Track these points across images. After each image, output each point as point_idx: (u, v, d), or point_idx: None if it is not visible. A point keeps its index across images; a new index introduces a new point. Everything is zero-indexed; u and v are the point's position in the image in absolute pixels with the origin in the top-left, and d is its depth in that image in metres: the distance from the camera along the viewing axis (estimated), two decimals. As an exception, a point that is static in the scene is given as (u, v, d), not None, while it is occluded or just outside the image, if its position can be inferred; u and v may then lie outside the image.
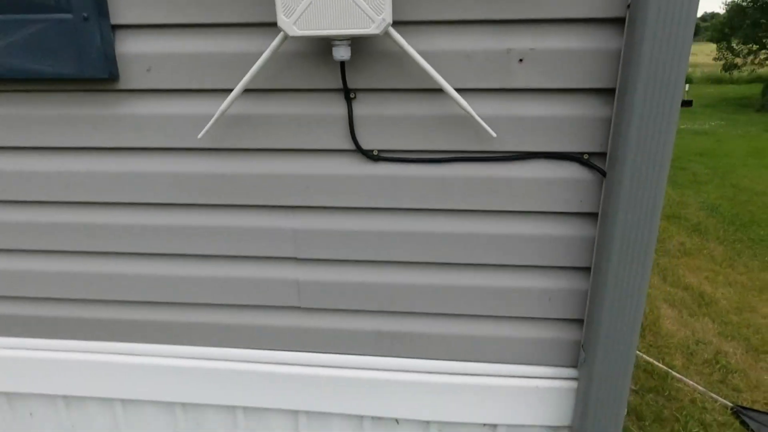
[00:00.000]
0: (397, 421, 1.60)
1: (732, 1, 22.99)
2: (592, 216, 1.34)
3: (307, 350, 1.57)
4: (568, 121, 1.26)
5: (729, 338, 3.79)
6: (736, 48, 22.78)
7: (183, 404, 1.67)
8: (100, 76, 1.30)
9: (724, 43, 23.35)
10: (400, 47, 1.19)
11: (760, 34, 20.44)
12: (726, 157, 9.55)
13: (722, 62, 23.62)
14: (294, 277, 1.48)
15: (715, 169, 8.52)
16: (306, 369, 1.57)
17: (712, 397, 3.15)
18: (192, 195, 1.42)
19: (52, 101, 1.36)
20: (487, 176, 1.34)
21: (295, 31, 1.15)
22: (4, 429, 1.78)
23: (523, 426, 1.55)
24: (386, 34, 1.15)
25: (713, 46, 24.70)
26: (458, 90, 1.24)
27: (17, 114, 1.39)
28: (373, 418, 1.60)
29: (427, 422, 1.59)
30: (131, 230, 1.48)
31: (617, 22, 1.18)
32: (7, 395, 1.74)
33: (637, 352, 3.55)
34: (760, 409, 3.04)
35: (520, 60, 1.23)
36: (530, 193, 1.33)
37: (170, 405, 1.68)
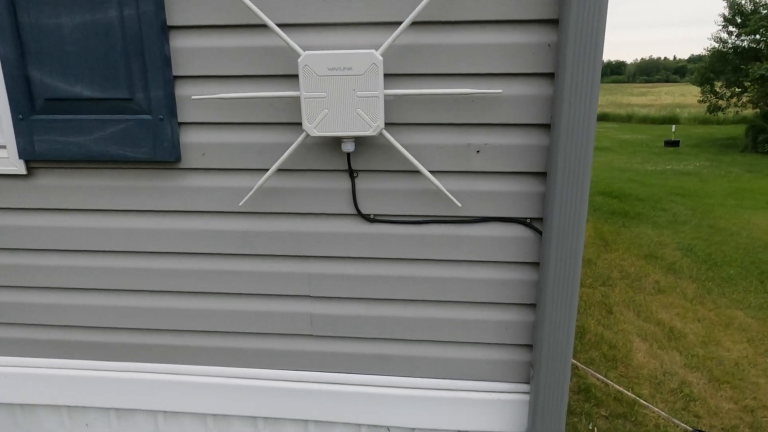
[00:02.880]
0: (388, 428, 1.99)
1: (713, 47, 24.07)
2: (534, 264, 1.77)
3: (317, 370, 1.97)
4: (514, 195, 1.72)
5: (694, 369, 4.15)
6: (720, 91, 23.74)
7: (214, 415, 2.05)
8: (168, 159, 1.75)
9: (708, 86, 24.33)
10: (389, 142, 1.65)
11: (741, 78, 21.38)
12: (707, 198, 10.05)
13: (707, 104, 24.54)
14: (308, 310, 1.90)
15: (695, 210, 9.00)
16: (315, 385, 1.97)
17: (674, 423, 3.50)
18: (231, 247, 1.85)
19: (131, 176, 1.82)
20: (455, 234, 1.78)
21: (315, 132, 1.61)
22: (65, 437, 2.16)
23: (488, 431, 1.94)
24: (380, 134, 1.62)
25: (698, 89, 25.67)
26: (432, 171, 1.70)
27: (106, 185, 1.84)
28: (369, 426, 1.99)
29: (412, 429, 1.98)
30: (183, 274, 1.91)
31: (545, 127, 1.64)
32: (68, 408, 2.12)
33: (609, 381, 3.92)
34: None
35: (477, 151, 1.69)
36: (488, 247, 1.77)
37: (203, 416, 2.06)
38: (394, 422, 1.96)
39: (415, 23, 1.57)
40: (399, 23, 1.57)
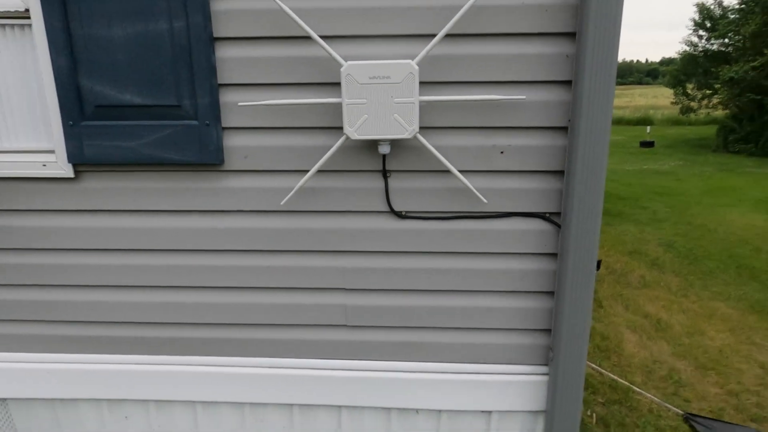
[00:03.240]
0: (417, 411, 2.13)
1: (684, 51, 24.85)
2: (553, 255, 1.94)
3: (349, 358, 2.10)
4: (534, 192, 1.88)
5: (681, 358, 4.39)
6: (691, 93, 24.51)
7: (251, 404, 2.17)
8: (214, 162, 1.87)
9: (680, 88, 25.11)
10: (422, 144, 1.80)
11: (711, 81, 22.12)
12: (683, 196, 10.45)
13: (679, 106, 25.31)
14: (342, 302, 2.03)
15: (674, 207, 9.36)
16: (347, 373, 2.10)
17: (666, 407, 3.71)
18: (270, 243, 1.98)
19: (176, 178, 1.93)
20: (480, 228, 1.93)
21: (355, 135, 1.75)
22: (104, 429, 2.24)
23: (510, 411, 2.10)
24: (414, 137, 1.76)
25: (671, 90, 26.46)
26: (459, 171, 1.85)
27: (151, 187, 1.95)
28: (398, 409, 2.13)
29: (440, 411, 2.12)
30: (224, 270, 2.02)
31: (563, 129, 1.81)
32: (108, 402, 2.21)
33: (603, 370, 4.13)
34: (706, 416, 3.62)
35: (501, 152, 1.85)
36: (510, 239, 1.93)
37: (240, 405, 2.18)
38: (422, 405, 2.11)
39: (448, 35, 1.72)
40: (433, 35, 1.72)
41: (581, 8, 1.65)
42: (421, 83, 1.77)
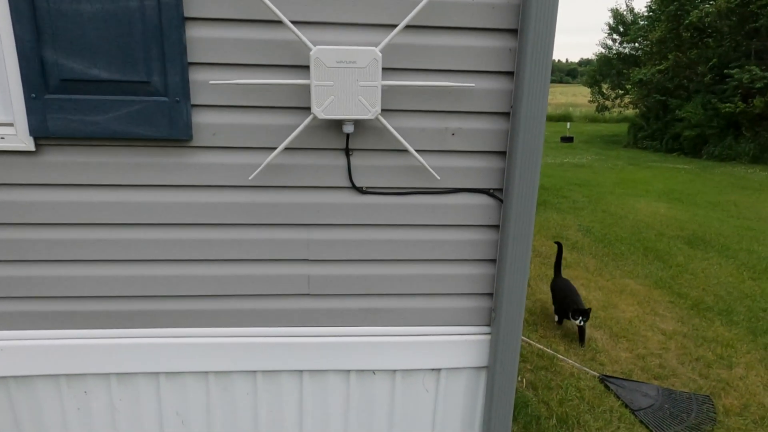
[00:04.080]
0: (374, 372, 2.32)
1: (600, 53, 26.66)
2: (495, 227, 2.19)
3: (311, 325, 2.25)
4: (481, 170, 2.11)
5: (598, 328, 4.89)
6: (606, 92, 26.41)
7: (215, 372, 2.26)
8: (183, 137, 1.94)
9: (596, 87, 26.97)
10: (383, 125, 1.97)
11: (623, 82, 23.97)
12: (599, 187, 11.37)
13: (596, 104, 27.20)
14: (306, 272, 2.17)
15: (590, 197, 10.18)
16: (309, 339, 2.25)
17: (585, 371, 4.16)
18: (237, 217, 2.08)
19: (143, 153, 1.98)
20: (432, 203, 2.14)
21: (322, 115, 1.89)
22: (63, 405, 2.24)
23: (457, 368, 2.34)
24: (377, 118, 1.93)
25: (588, 89, 28.34)
26: (416, 150, 2.04)
27: (118, 161, 1.98)
28: (357, 371, 2.31)
29: (394, 371, 2.32)
30: (191, 243, 2.10)
31: (505, 114, 2.05)
32: (67, 377, 2.22)
33: (532, 342, 4.53)
34: (618, 377, 4.10)
35: (453, 134, 2.06)
36: (458, 213, 2.16)
37: (204, 374, 2.26)
38: (379, 366, 2.30)
39: (408, 26, 1.90)
40: (395, 25, 1.89)
41: (523, 8, 1.89)
42: (384, 69, 1.94)
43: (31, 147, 1.93)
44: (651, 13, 21.40)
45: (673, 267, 6.37)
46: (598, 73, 26.52)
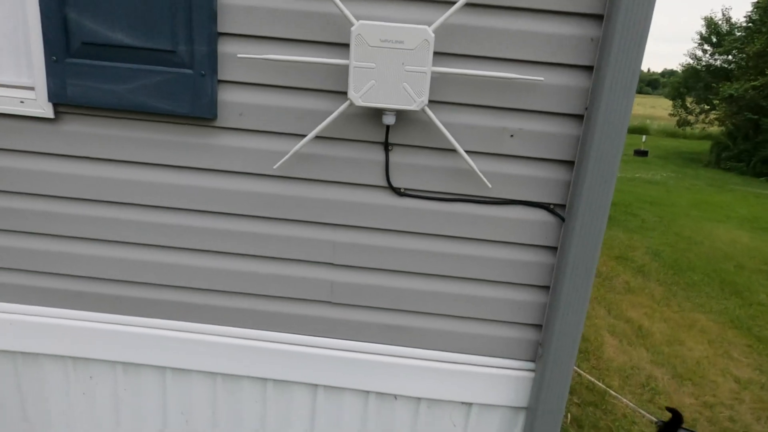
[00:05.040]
0: (395, 397, 2.06)
1: (687, 63, 24.91)
2: (553, 249, 1.86)
3: (330, 336, 2.02)
4: (541, 181, 1.79)
5: (659, 366, 4.39)
6: (690, 107, 24.63)
7: (223, 375, 2.08)
8: (207, 116, 1.75)
9: (680, 100, 25.21)
10: (429, 118, 1.69)
11: (710, 96, 22.24)
12: (672, 207, 10.50)
13: (677, 118, 25.44)
14: (329, 278, 1.94)
15: (662, 217, 9.39)
16: (327, 351, 2.01)
17: (640, 413, 3.71)
18: (260, 209, 1.87)
19: (163, 130, 1.80)
20: (481, 214, 1.84)
21: (360, 102, 1.64)
22: (68, 389, 2.13)
23: (492, 405, 2.03)
24: (422, 110, 1.66)
25: (670, 102, 26.57)
26: (466, 151, 1.75)
27: (136, 137, 1.82)
28: (377, 393, 2.05)
29: (419, 398, 2.05)
30: (207, 232, 1.91)
31: (578, 117, 1.72)
32: (73, 359, 2.10)
33: (582, 371, 4.11)
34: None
35: (511, 135, 1.75)
36: (510, 228, 1.84)
37: (212, 375, 2.08)
38: (402, 391, 2.03)
39: (467, 4, 1.61)
40: (451, 2, 1.60)
41: (613, -11, 1.55)
42: (435, 53, 1.66)
43: (50, 114, 1.79)
44: (750, 24, 19.65)
45: (753, 305, 5.68)
46: (682, 85, 24.75)
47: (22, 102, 1.79)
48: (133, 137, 1.82)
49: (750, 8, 19.74)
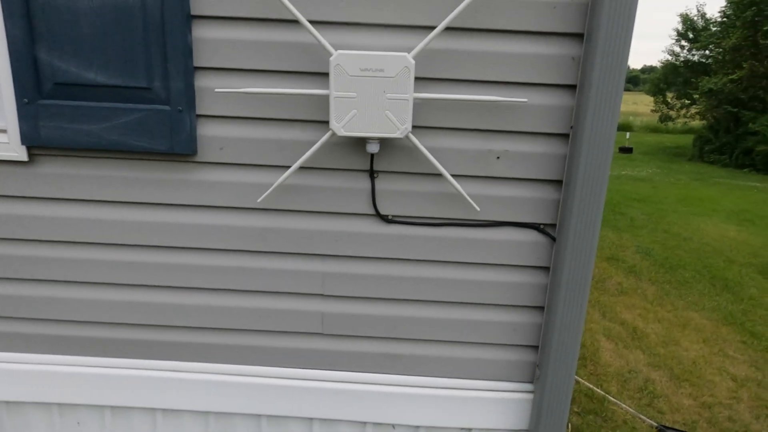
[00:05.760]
0: (393, 426, 2.01)
1: (666, 60, 25.24)
2: (545, 269, 1.83)
3: (324, 368, 1.97)
4: (529, 201, 1.77)
5: (656, 368, 4.39)
6: (671, 102, 24.95)
7: (216, 413, 2.02)
8: (186, 152, 1.71)
9: (660, 96, 25.53)
10: (413, 144, 1.66)
11: (690, 91, 22.54)
12: (660, 204, 10.57)
13: (659, 114, 25.75)
14: (320, 309, 1.90)
15: (650, 215, 9.45)
16: (322, 384, 1.97)
17: (640, 418, 3.69)
18: (245, 243, 1.82)
19: (142, 167, 1.76)
20: (470, 237, 1.81)
21: (342, 132, 1.61)
22: (54, 435, 2.07)
23: (492, 429, 2.00)
24: (406, 137, 1.63)
25: (651, 98, 26.89)
26: (452, 175, 1.72)
27: (114, 175, 1.77)
28: (374, 424, 2.01)
29: (417, 427, 2.01)
30: (193, 269, 1.86)
31: (563, 136, 1.70)
32: (59, 406, 2.03)
33: (580, 378, 4.09)
34: (680, 429, 3.60)
35: (498, 157, 1.73)
36: (501, 250, 1.82)
37: (205, 414, 2.03)
38: (400, 420, 1.99)
39: (447, 28, 1.59)
40: (431, 28, 1.58)
41: (593, 8, 1.53)
42: (417, 79, 1.63)
43: (24, 157, 1.74)
44: (725, 19, 19.99)
45: (744, 300, 5.71)
46: (662, 81, 25.08)
47: (-6, 146, 1.73)
48: (112, 176, 1.77)
49: (724, 3, 20.09)
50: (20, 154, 1.74)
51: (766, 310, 5.51)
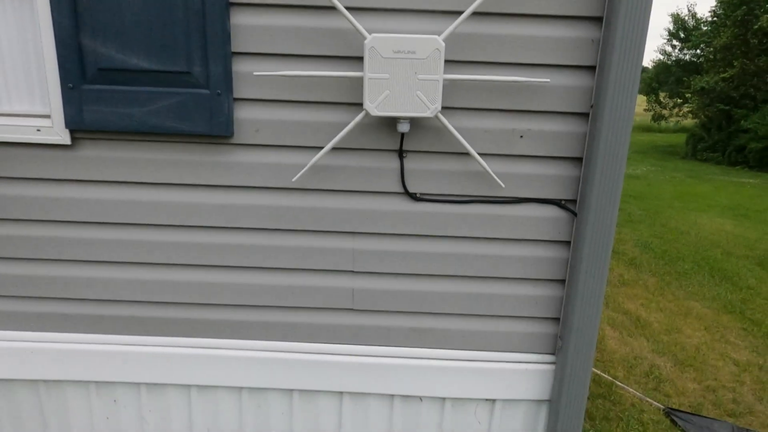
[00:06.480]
0: (420, 398, 2.09)
1: (658, 59, 25.51)
2: (567, 243, 1.92)
3: (354, 343, 2.05)
4: (551, 178, 1.86)
5: (660, 354, 4.48)
6: (663, 101, 25.21)
7: (249, 388, 2.09)
8: (224, 134, 1.78)
9: (653, 96, 25.79)
10: (442, 124, 1.75)
11: (682, 90, 22.80)
12: (656, 200, 10.73)
13: (651, 113, 26.00)
14: (351, 285, 1.97)
15: (647, 210, 9.60)
16: (351, 358, 2.04)
17: (648, 402, 3.78)
18: (279, 222, 1.90)
19: (180, 150, 1.83)
20: (494, 213, 1.90)
21: (375, 111, 1.69)
22: (91, 413, 2.13)
23: (515, 400, 2.08)
24: (436, 116, 1.72)
25: (644, 97, 27.16)
26: (479, 153, 1.81)
27: (154, 158, 1.84)
28: (402, 396, 2.09)
29: (443, 399, 2.09)
30: (229, 248, 1.94)
31: (584, 115, 1.79)
32: (96, 384, 2.10)
33: (587, 364, 4.17)
34: (686, 411, 3.70)
35: (521, 136, 1.82)
36: (524, 226, 1.91)
37: (238, 389, 2.10)
38: (426, 392, 2.07)
39: (475, 13, 1.68)
40: (459, 12, 1.67)
41: (612, -8, 1.63)
42: (446, 61, 1.72)
43: (67, 140, 1.81)
44: (715, 19, 20.25)
45: (743, 290, 5.83)
46: (654, 80, 25.35)
47: (38, 130, 1.80)
48: (151, 159, 1.84)
49: (714, 3, 20.36)
50: (63, 137, 1.81)
51: (764, 299, 5.63)
